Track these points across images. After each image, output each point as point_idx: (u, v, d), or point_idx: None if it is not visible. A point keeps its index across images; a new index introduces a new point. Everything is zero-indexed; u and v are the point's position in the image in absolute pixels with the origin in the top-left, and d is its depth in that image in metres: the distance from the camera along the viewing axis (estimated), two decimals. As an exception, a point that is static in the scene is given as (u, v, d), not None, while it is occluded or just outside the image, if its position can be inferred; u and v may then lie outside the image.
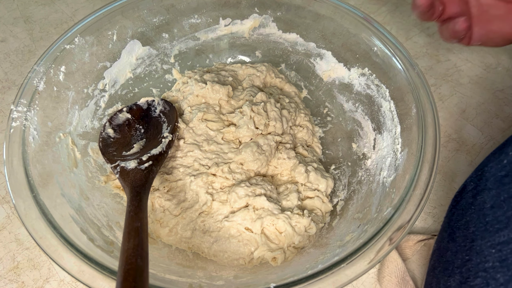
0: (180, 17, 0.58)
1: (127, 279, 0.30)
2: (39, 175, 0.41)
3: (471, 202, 0.36)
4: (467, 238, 0.35)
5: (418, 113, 0.44)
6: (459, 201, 0.39)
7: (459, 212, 0.38)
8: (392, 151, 0.47)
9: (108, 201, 0.47)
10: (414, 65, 0.47)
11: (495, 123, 0.60)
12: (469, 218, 0.36)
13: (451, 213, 0.40)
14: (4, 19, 0.74)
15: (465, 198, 0.38)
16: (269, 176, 0.52)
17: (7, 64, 0.67)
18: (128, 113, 0.52)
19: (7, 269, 0.47)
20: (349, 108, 0.57)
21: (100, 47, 0.53)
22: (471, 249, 0.34)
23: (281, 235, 0.44)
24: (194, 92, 0.54)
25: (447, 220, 0.41)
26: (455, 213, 0.39)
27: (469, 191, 0.38)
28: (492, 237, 0.32)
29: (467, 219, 0.36)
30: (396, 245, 0.36)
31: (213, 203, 0.46)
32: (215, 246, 0.45)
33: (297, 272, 0.36)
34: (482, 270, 0.31)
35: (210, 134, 0.51)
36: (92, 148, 0.50)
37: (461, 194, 0.39)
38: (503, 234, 0.31)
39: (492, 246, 0.31)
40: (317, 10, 0.56)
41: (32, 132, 0.43)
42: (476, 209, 0.35)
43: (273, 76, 0.61)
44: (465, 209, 0.37)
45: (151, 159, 0.45)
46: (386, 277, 0.44)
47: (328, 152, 0.57)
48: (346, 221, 0.46)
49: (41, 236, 0.36)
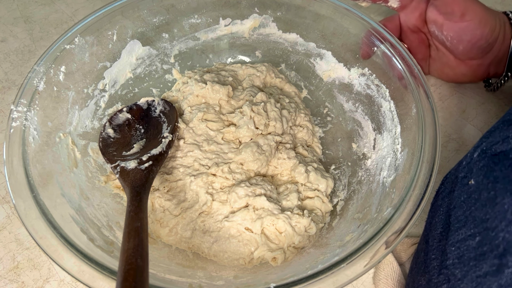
0: (180, 17, 0.58)
1: (127, 279, 0.30)
2: (39, 175, 0.41)
3: (440, 204, 0.38)
4: (435, 238, 0.36)
5: (418, 113, 0.44)
6: (433, 204, 0.41)
7: (432, 214, 0.40)
8: (392, 151, 0.47)
9: (108, 201, 0.47)
10: (414, 65, 0.47)
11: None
12: (438, 219, 0.37)
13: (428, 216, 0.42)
14: (4, 19, 0.74)
15: (437, 201, 0.39)
16: (269, 176, 0.52)
17: (7, 64, 0.67)
18: (128, 113, 0.52)
19: (7, 269, 0.47)
20: (349, 108, 0.57)
21: (100, 47, 0.53)
22: (437, 249, 0.35)
23: (281, 235, 0.44)
24: (194, 92, 0.54)
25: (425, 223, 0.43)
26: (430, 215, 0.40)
27: (439, 193, 0.39)
28: (452, 236, 0.33)
29: (436, 220, 0.37)
30: (397, 244, 0.36)
31: (213, 203, 0.46)
32: (215, 246, 0.45)
33: (297, 272, 0.36)
34: (444, 267, 0.33)
35: (210, 134, 0.51)
36: (92, 148, 0.50)
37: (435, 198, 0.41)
38: (461, 232, 0.32)
39: (452, 244, 0.33)
40: (317, 10, 0.56)
41: (32, 132, 0.43)
42: (443, 210, 0.37)
43: (273, 76, 0.61)
44: (435, 211, 0.39)
45: (151, 159, 0.45)
46: (382, 280, 0.45)
47: (328, 152, 0.57)
48: (346, 221, 0.46)
49: (41, 236, 0.36)
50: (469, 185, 0.33)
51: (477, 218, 0.30)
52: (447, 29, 0.53)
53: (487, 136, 0.34)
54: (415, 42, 0.59)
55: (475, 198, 0.31)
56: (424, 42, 0.59)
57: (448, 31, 0.53)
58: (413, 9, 0.56)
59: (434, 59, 0.60)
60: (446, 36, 0.54)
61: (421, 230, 0.50)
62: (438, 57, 0.59)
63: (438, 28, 0.55)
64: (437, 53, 0.59)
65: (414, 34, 0.58)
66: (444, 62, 0.59)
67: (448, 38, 0.54)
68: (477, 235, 0.30)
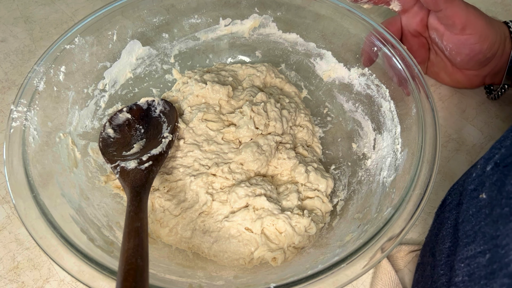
0: (180, 17, 0.58)
1: (127, 279, 0.30)
2: (39, 175, 0.41)
3: (448, 216, 0.37)
4: (443, 252, 0.35)
5: (418, 113, 0.44)
6: (439, 215, 0.40)
7: (439, 226, 0.39)
8: (392, 151, 0.47)
9: (108, 201, 0.47)
10: (414, 65, 0.47)
11: (495, 123, 0.60)
12: (445, 232, 0.36)
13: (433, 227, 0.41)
14: (4, 19, 0.74)
15: (444, 212, 0.38)
16: (269, 176, 0.52)
17: (7, 64, 0.67)
18: (128, 113, 0.52)
19: (7, 269, 0.47)
20: (349, 108, 0.57)
21: (100, 47, 0.53)
22: (446, 264, 0.34)
23: (281, 235, 0.44)
24: (194, 92, 0.54)
25: (429, 234, 0.42)
26: (436, 227, 0.39)
27: (446, 205, 0.39)
28: (462, 251, 0.32)
29: (444, 234, 0.37)
30: (397, 245, 0.36)
31: (213, 203, 0.46)
32: (215, 246, 0.45)
33: (297, 272, 0.36)
34: (453, 284, 0.32)
35: (210, 134, 0.51)
36: (92, 148, 0.50)
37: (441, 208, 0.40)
38: (470, 249, 0.31)
39: (461, 261, 0.32)
40: (317, 10, 0.56)
41: (32, 132, 0.43)
42: (451, 224, 0.36)
43: (273, 76, 0.61)
44: (442, 223, 0.38)
45: (151, 159, 0.45)
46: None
47: (328, 152, 0.57)
48: (346, 221, 0.46)
49: (41, 236, 0.36)
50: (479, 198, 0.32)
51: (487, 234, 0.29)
52: (447, 40, 0.54)
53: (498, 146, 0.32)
54: (415, 46, 0.59)
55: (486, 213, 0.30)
56: (424, 45, 0.59)
57: (447, 42, 0.54)
58: (414, 14, 0.56)
59: (433, 62, 0.61)
60: (445, 46, 0.55)
61: (418, 236, 0.50)
62: (436, 61, 0.60)
63: (439, 36, 0.55)
64: (435, 57, 0.60)
65: (414, 38, 0.59)
66: (441, 67, 0.60)
67: (448, 48, 0.55)
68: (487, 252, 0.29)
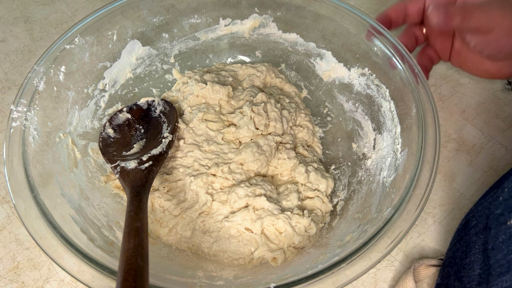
0: (180, 17, 0.58)
1: (127, 279, 0.30)
2: (39, 175, 0.41)
3: (475, 240, 0.35)
4: (472, 280, 0.34)
5: (418, 113, 0.44)
6: (462, 237, 0.38)
7: (463, 249, 0.37)
8: (392, 151, 0.47)
9: (108, 201, 0.47)
10: (414, 65, 0.47)
11: (495, 123, 0.60)
12: (473, 258, 0.35)
13: (456, 248, 0.39)
14: (4, 19, 0.74)
15: (469, 235, 0.37)
16: (269, 176, 0.52)
17: (7, 64, 0.67)
18: (128, 113, 0.52)
19: (7, 269, 0.47)
20: (349, 108, 0.57)
21: (100, 47, 0.53)
22: None
23: (281, 235, 0.44)
24: (194, 92, 0.54)
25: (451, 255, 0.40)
26: (460, 249, 0.38)
27: (471, 227, 0.37)
28: (495, 281, 0.31)
29: (471, 259, 0.35)
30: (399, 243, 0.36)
31: (213, 203, 0.46)
32: (215, 246, 0.45)
33: (297, 272, 0.36)
34: None
35: (210, 135, 0.51)
36: (92, 148, 0.50)
37: (465, 229, 0.39)
38: (505, 279, 0.30)
39: None
40: (317, 10, 0.56)
41: (32, 132, 0.43)
42: (480, 249, 0.34)
43: (273, 76, 0.61)
44: (469, 247, 0.36)
45: (151, 159, 0.45)
46: None
47: (328, 152, 0.57)
48: (346, 221, 0.46)
49: (41, 236, 0.36)
50: (507, 225, 0.31)
51: None
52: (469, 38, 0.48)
53: None
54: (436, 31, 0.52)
55: None
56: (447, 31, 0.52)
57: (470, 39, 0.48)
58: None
59: (458, 50, 0.53)
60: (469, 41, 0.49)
61: (417, 236, 0.50)
62: (462, 49, 0.52)
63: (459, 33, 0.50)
64: (461, 45, 0.52)
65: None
66: (467, 56, 0.52)
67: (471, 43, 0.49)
68: None
